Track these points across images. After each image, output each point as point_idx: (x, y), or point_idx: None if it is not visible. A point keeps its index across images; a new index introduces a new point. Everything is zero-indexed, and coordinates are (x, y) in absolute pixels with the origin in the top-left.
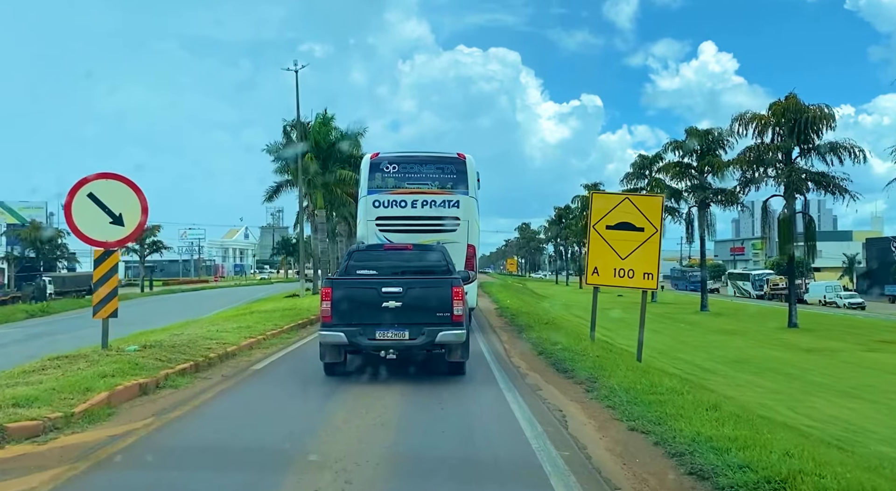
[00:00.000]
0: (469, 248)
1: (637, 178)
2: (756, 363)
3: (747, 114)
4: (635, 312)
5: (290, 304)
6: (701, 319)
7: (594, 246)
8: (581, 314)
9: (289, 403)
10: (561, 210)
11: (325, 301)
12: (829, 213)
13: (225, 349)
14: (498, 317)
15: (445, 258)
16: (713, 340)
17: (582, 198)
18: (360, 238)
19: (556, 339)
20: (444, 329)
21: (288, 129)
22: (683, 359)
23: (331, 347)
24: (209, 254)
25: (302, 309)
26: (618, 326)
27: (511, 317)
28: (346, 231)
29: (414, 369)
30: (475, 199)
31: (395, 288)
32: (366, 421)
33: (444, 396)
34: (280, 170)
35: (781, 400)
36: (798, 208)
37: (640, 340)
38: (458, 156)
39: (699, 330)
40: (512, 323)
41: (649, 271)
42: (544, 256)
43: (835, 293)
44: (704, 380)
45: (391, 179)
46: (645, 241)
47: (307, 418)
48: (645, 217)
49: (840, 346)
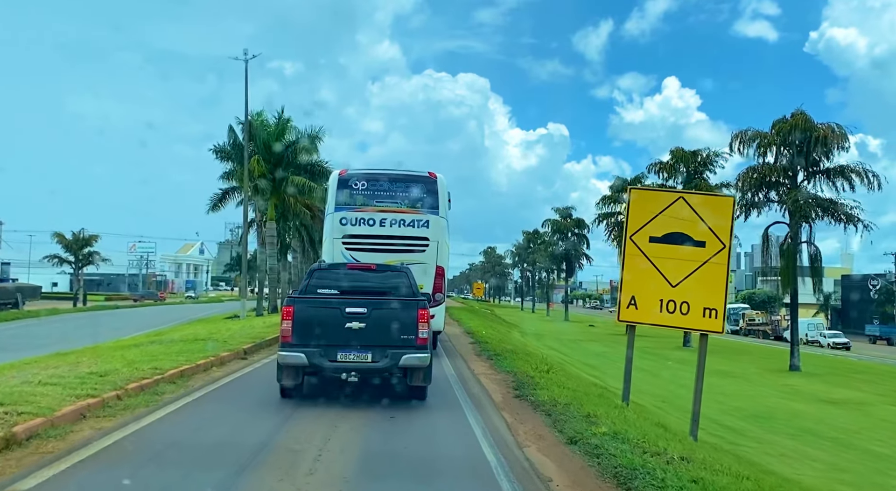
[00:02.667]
0: (438, 269)
1: (614, 203)
2: (783, 420)
3: (749, 131)
4: (617, 346)
5: (214, 330)
6: (688, 356)
7: (631, 266)
8: (554, 346)
9: None
10: (530, 234)
11: (286, 320)
12: None
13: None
14: (475, 354)
15: (409, 279)
16: (715, 385)
17: (552, 222)
18: (326, 256)
19: (583, 407)
20: (409, 352)
21: (235, 129)
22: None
23: (289, 369)
24: (161, 268)
25: (223, 338)
26: (602, 363)
27: (493, 354)
28: (299, 246)
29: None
30: (445, 219)
31: (359, 308)
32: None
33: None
34: (226, 175)
35: (858, 486)
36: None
37: (696, 415)
38: (429, 174)
39: (691, 371)
40: (497, 366)
41: (713, 306)
42: (510, 281)
43: (817, 332)
44: (736, 445)
45: (360, 197)
46: (707, 260)
47: None
48: (708, 226)
49: (861, 396)
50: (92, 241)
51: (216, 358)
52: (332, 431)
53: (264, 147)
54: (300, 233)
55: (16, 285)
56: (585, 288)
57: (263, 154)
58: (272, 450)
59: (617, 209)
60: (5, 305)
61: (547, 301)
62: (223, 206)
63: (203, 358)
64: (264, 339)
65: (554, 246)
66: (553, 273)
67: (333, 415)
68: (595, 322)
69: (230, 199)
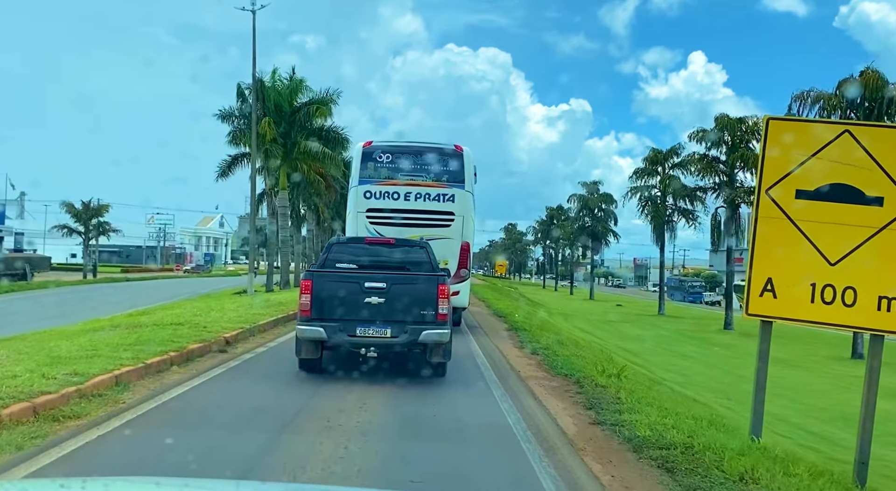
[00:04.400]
0: (463, 244)
1: (649, 175)
2: (876, 424)
3: (812, 92)
4: (651, 328)
5: (206, 309)
6: (733, 341)
7: (767, 235)
8: (586, 327)
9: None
10: (553, 210)
11: (305, 294)
12: None
13: None
14: (514, 346)
15: (429, 254)
16: (777, 377)
17: (578, 197)
18: (350, 231)
19: (719, 456)
20: (429, 328)
21: (244, 90)
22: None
23: (308, 343)
24: (181, 241)
25: (206, 322)
26: (642, 348)
27: (538, 347)
28: (314, 218)
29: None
30: (472, 193)
31: (378, 283)
32: None
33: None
34: (234, 140)
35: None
36: None
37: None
38: (455, 147)
39: (743, 359)
40: (549, 365)
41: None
42: (531, 258)
43: None
44: (847, 463)
45: (384, 170)
46: (887, 225)
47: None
48: (889, 176)
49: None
50: (102, 211)
51: (181, 353)
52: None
53: (275, 109)
54: (315, 204)
55: (24, 256)
56: (607, 266)
57: (274, 116)
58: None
59: (651, 182)
60: (13, 276)
61: (571, 279)
62: (232, 172)
63: (160, 354)
64: (257, 323)
65: (580, 222)
66: (578, 250)
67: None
68: (621, 301)
69: (240, 166)
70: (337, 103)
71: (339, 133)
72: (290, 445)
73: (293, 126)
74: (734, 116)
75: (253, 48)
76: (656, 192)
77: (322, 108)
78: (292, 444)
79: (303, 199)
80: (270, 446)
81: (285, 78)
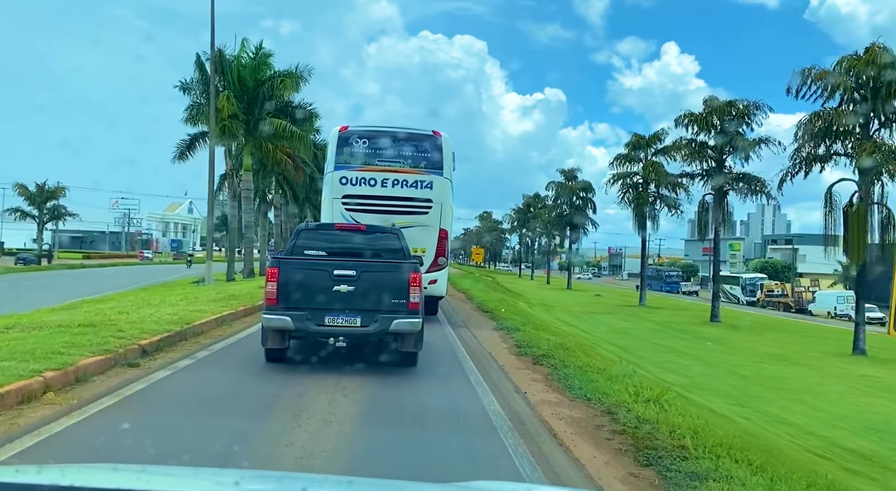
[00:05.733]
0: (441, 232)
1: (631, 162)
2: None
3: (814, 69)
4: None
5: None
6: (722, 334)
7: None
8: (569, 320)
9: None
10: (530, 198)
11: (271, 282)
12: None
13: None
14: (511, 353)
15: (401, 241)
16: (783, 377)
17: (556, 184)
18: (325, 217)
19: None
20: (400, 317)
21: (203, 61)
22: (794, 423)
23: (273, 333)
24: (148, 227)
25: (127, 323)
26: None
27: (539, 355)
28: (281, 201)
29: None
30: (450, 180)
31: (348, 271)
32: None
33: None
34: (192, 117)
35: None
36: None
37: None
38: (433, 133)
39: (740, 355)
40: (565, 388)
41: None
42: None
43: (848, 305)
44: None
45: (360, 155)
46: None
47: None
48: None
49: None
50: (58, 194)
51: (64, 371)
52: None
53: (238, 83)
54: (282, 187)
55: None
56: (582, 255)
57: (236, 91)
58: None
59: (633, 169)
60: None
61: (548, 269)
62: (192, 154)
63: (28, 376)
64: (193, 323)
65: (558, 210)
66: (554, 239)
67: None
68: (597, 290)
69: (202, 147)
70: (307, 81)
71: (308, 109)
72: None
73: (257, 102)
74: (722, 100)
75: (211, 12)
76: (638, 178)
77: (287, 80)
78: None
79: (269, 182)
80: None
81: (251, 53)
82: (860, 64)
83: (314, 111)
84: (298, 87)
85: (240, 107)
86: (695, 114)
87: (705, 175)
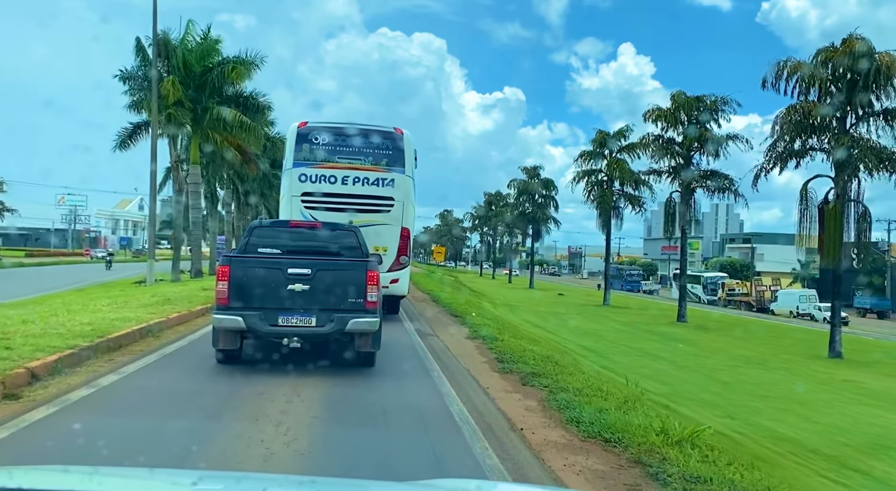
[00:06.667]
0: (403, 230)
1: (594, 159)
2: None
3: (790, 61)
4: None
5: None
6: (691, 335)
7: None
8: (536, 321)
9: None
10: (492, 196)
11: (222, 281)
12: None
13: None
14: (493, 369)
15: (359, 238)
16: (764, 383)
17: (518, 182)
18: (283, 215)
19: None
20: (356, 316)
21: (144, 45)
22: (792, 439)
23: (225, 333)
24: (96, 224)
25: (31, 344)
26: (605, 347)
27: (528, 372)
28: (232, 197)
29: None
30: (412, 178)
31: (303, 269)
32: None
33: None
34: (135, 105)
35: None
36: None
37: None
38: (395, 130)
39: (714, 357)
40: (575, 426)
41: None
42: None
43: (811, 304)
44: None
45: (320, 152)
46: None
47: None
48: None
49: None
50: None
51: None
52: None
53: (184, 68)
54: (234, 182)
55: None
56: (542, 254)
57: (181, 76)
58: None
59: (598, 166)
60: None
61: (509, 267)
62: (133, 143)
63: None
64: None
65: (520, 208)
66: (516, 237)
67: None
68: (559, 289)
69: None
70: (259, 69)
71: (260, 100)
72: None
73: (205, 89)
74: (691, 95)
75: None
76: (603, 176)
77: (239, 67)
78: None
79: (220, 175)
80: None
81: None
82: (837, 55)
83: (267, 102)
84: (250, 76)
85: (186, 94)
86: (663, 109)
87: (673, 172)
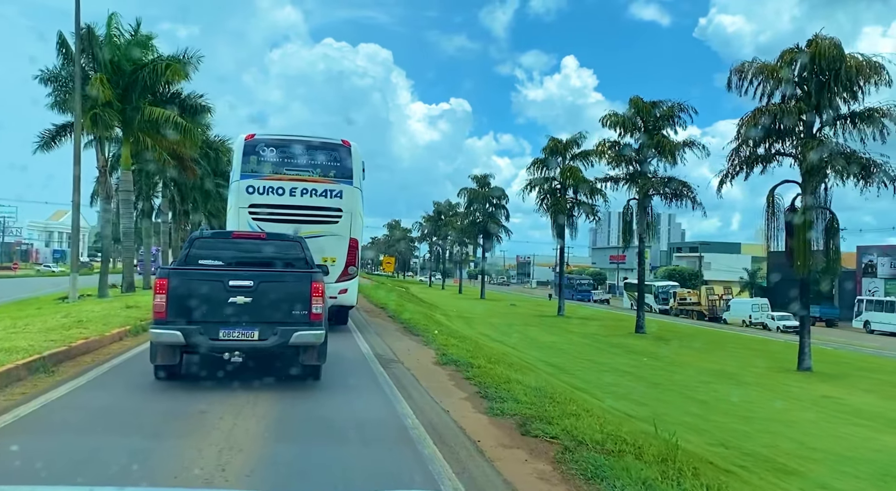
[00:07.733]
0: (351, 241)
1: (546, 167)
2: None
3: (754, 63)
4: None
5: None
6: (653, 348)
7: None
8: (493, 334)
9: None
10: (441, 206)
11: (160, 294)
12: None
13: None
14: (463, 396)
15: (304, 249)
16: (741, 401)
17: (469, 191)
18: (231, 227)
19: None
20: (301, 329)
21: (67, 40)
22: (796, 471)
23: (164, 348)
24: (29, 236)
25: None
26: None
27: (494, 398)
28: (168, 206)
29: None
30: (360, 189)
31: (244, 281)
32: None
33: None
34: (58, 104)
35: None
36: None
37: None
38: (342, 142)
39: (683, 372)
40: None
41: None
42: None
43: (763, 313)
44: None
45: (268, 164)
46: None
47: None
48: None
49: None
50: None
51: None
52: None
53: (112, 66)
54: (170, 189)
55: None
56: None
57: (110, 74)
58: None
59: (550, 174)
60: None
61: (459, 277)
62: (58, 144)
63: None
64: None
65: (471, 217)
66: (466, 247)
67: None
68: (510, 299)
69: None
70: (196, 68)
71: (198, 102)
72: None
73: (135, 89)
74: (647, 101)
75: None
76: (556, 184)
77: (175, 66)
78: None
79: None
80: None
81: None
82: (803, 56)
83: (206, 103)
84: (188, 77)
85: (115, 93)
86: (619, 115)
87: (630, 179)
